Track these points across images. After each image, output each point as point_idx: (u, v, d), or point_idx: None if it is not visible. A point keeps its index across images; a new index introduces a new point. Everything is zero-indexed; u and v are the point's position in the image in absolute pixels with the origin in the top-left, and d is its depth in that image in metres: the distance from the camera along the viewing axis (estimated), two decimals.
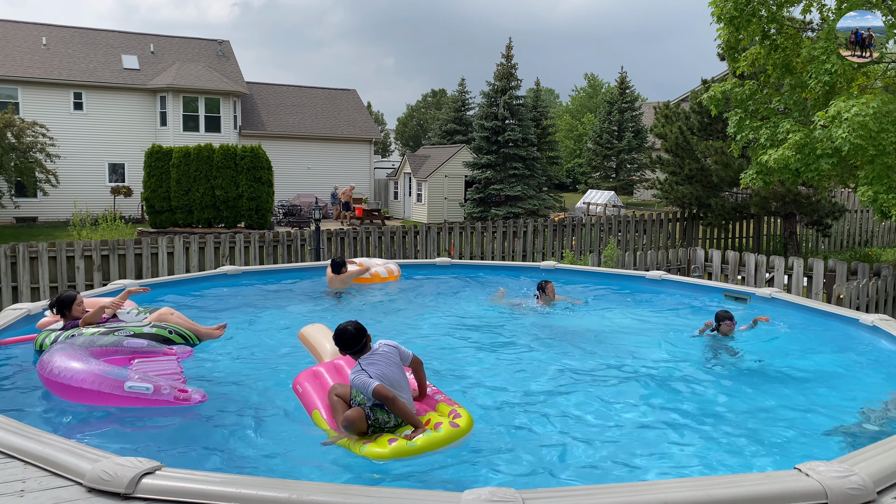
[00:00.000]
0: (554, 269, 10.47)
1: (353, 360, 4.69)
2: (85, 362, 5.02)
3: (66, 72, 31.02)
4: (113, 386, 4.83)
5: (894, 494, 3.19)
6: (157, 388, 4.84)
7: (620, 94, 43.86)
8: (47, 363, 5.05)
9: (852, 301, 10.10)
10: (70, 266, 11.91)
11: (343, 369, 5.19)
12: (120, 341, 5.66)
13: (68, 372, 4.92)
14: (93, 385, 4.83)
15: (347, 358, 5.18)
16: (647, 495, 3.05)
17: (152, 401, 4.83)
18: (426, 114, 67.75)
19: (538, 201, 30.50)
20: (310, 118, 36.57)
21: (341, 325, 4.69)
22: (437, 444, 4.28)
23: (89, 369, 4.93)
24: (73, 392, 4.87)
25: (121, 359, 5.44)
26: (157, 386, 4.86)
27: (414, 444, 4.22)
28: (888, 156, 9.72)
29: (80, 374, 4.90)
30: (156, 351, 5.64)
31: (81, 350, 5.27)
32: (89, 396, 4.84)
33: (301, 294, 9.47)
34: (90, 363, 5.03)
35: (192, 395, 4.90)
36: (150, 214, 22.16)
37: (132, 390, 4.81)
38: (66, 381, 4.88)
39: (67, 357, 5.09)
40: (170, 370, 5.27)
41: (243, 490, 3.05)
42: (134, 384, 4.83)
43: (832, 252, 19.07)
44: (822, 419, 5.09)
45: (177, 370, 5.28)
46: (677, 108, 19.11)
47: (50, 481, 3.25)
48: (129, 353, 5.52)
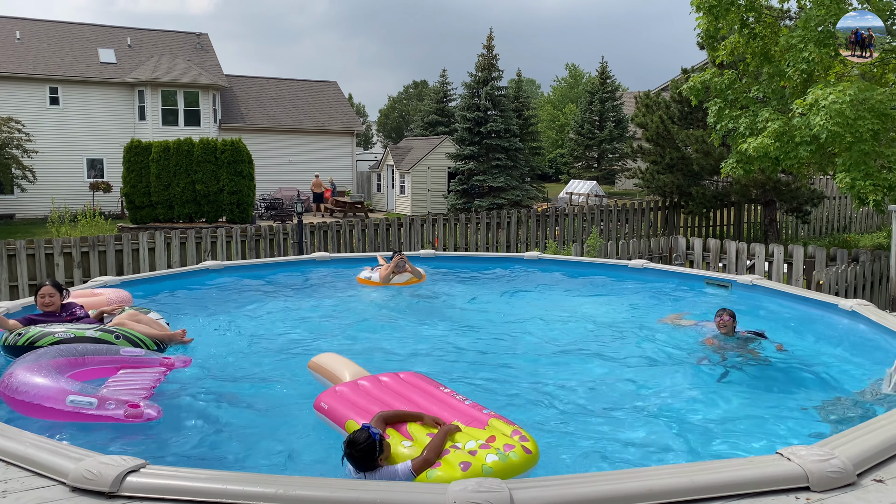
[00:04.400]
0: (538, 259, 10.50)
1: None
2: (34, 373, 4.67)
3: (41, 66, 30.55)
4: (55, 400, 4.46)
5: (874, 476, 3.25)
6: (101, 402, 4.47)
7: (601, 84, 43.95)
8: (5, 374, 4.75)
9: (832, 287, 10.23)
10: (49, 263, 11.77)
11: (368, 388, 4.75)
12: (117, 349, 5.45)
13: (14, 383, 4.61)
14: (34, 398, 4.48)
15: (371, 378, 4.88)
16: (632, 482, 3.08)
17: (98, 416, 4.45)
18: (408, 105, 67.55)
19: (521, 192, 30.55)
20: (290, 111, 36.32)
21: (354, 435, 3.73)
22: (512, 472, 3.73)
23: (32, 381, 4.60)
24: (17, 405, 4.53)
25: (107, 369, 5.21)
26: (103, 400, 4.49)
27: (490, 471, 3.65)
28: (865, 143, 9.84)
29: (23, 387, 4.56)
30: (151, 361, 5.35)
31: (47, 359, 4.92)
32: (33, 410, 4.48)
33: (284, 287, 9.43)
34: (37, 374, 4.67)
35: (145, 410, 4.48)
36: (130, 210, 21.93)
37: (74, 404, 4.44)
38: (10, 393, 4.58)
39: (21, 367, 4.77)
40: (141, 384, 4.91)
41: (230, 486, 3.04)
42: (76, 398, 4.46)
43: (811, 238, 19.28)
44: (803, 403, 5.16)
45: (148, 384, 4.93)
46: (658, 98, 19.19)
47: (32, 481, 3.22)
48: (119, 364, 5.26)
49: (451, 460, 3.70)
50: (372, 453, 3.60)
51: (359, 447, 3.59)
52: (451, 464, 3.68)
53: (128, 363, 5.31)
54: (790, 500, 3.05)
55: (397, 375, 4.96)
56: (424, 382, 4.84)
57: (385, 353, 6.49)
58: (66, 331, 5.63)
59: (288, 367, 5.98)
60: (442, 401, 4.49)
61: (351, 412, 4.37)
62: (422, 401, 4.50)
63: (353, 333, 7.20)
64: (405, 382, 4.81)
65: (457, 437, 3.98)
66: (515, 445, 3.88)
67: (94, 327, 5.82)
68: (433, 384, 4.81)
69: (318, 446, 4.40)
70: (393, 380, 4.86)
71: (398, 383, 4.79)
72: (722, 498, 3.05)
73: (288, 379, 5.70)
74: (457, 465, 3.67)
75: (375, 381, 4.83)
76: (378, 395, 4.59)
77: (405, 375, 4.96)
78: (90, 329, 5.74)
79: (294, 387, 5.50)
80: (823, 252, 11.19)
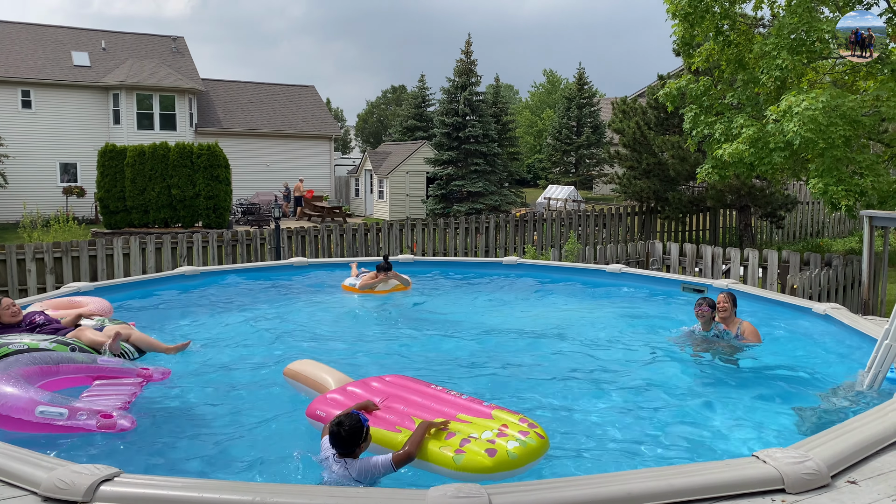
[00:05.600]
0: (516, 264, 10.53)
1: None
2: (4, 383, 4.51)
3: (12, 69, 30.07)
4: (24, 411, 4.32)
5: (847, 478, 3.30)
6: (72, 413, 4.34)
7: (579, 90, 44.27)
8: None
9: (805, 291, 10.38)
10: (21, 269, 11.57)
11: (360, 394, 4.68)
12: (94, 359, 5.30)
13: None
14: (2, 409, 4.33)
15: (360, 383, 4.85)
16: (611, 486, 3.09)
17: (69, 427, 4.32)
18: (386, 110, 67.45)
19: (500, 197, 30.63)
20: (268, 115, 36.10)
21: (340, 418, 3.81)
22: (534, 454, 3.93)
23: (1, 391, 4.43)
24: None
25: (82, 378, 5.06)
26: (74, 410, 4.36)
27: (515, 456, 3.82)
28: (837, 149, 10.00)
29: None
30: (128, 372, 5.22)
31: (17, 368, 4.75)
32: (2, 421, 4.32)
33: (262, 293, 9.36)
34: (5, 383, 4.51)
35: (118, 420, 4.36)
36: (104, 215, 21.64)
37: (44, 415, 4.30)
38: None
39: None
40: (117, 396, 4.78)
41: (206, 494, 3.01)
42: (46, 408, 4.32)
43: (786, 243, 19.56)
44: (778, 405, 5.22)
45: (124, 397, 4.80)
46: (634, 104, 19.37)
47: (3, 491, 3.16)
48: (96, 373, 5.11)
49: (475, 449, 3.82)
50: (357, 436, 3.68)
51: (346, 428, 3.66)
52: (475, 452, 3.78)
53: (104, 373, 5.16)
54: (766, 502, 3.09)
55: (383, 379, 4.94)
56: (414, 383, 4.84)
57: (368, 359, 6.46)
58: (20, 342, 5.40)
59: (266, 374, 5.92)
60: (439, 398, 4.52)
61: None
62: (419, 400, 4.49)
63: (335, 340, 7.15)
64: (397, 384, 4.80)
65: (469, 428, 4.05)
66: (529, 431, 4.04)
67: (50, 339, 5.61)
68: (423, 384, 4.82)
69: (296, 454, 4.36)
70: (383, 383, 4.83)
71: (390, 386, 4.77)
72: (699, 501, 3.08)
73: (266, 386, 5.65)
74: (482, 452, 3.78)
75: (366, 386, 4.79)
76: (374, 398, 4.56)
77: (392, 378, 4.94)
78: (45, 340, 5.54)
79: (272, 394, 5.46)
80: (797, 256, 11.35)
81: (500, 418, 4.20)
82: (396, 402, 4.47)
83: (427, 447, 3.89)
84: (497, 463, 3.74)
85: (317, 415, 4.54)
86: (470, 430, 4.03)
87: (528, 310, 8.55)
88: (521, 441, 3.92)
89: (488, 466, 3.73)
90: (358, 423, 3.72)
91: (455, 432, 4.00)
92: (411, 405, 4.41)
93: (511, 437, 3.95)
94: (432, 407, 4.37)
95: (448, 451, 3.83)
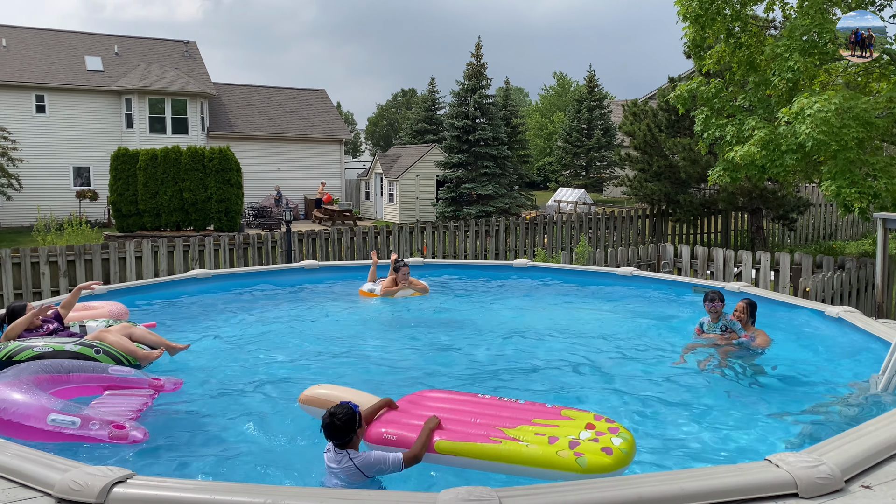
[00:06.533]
0: (527, 266, 10.52)
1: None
2: (13, 389, 4.48)
3: (27, 74, 30.37)
4: (36, 419, 4.28)
5: (861, 482, 3.27)
6: (84, 422, 4.30)
7: (589, 93, 44.19)
8: None
9: (818, 294, 10.31)
10: (35, 272, 11.67)
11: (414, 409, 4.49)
12: (105, 368, 5.25)
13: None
14: (13, 416, 4.29)
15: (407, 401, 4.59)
16: (622, 490, 3.08)
17: (80, 437, 4.29)
18: (396, 113, 67.61)
19: (510, 200, 30.62)
20: (279, 119, 36.27)
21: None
22: (634, 448, 3.99)
23: (11, 398, 4.40)
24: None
25: (93, 387, 5.02)
26: (86, 419, 4.32)
27: (626, 452, 3.88)
28: (850, 151, 9.93)
29: (1, 404, 4.36)
30: (140, 381, 5.18)
31: (28, 375, 4.72)
32: (11, 429, 4.28)
33: (274, 297, 9.38)
34: (17, 391, 4.48)
35: (130, 432, 4.33)
36: (116, 218, 21.81)
37: (56, 424, 4.27)
38: None
39: (1, 384, 4.56)
40: (128, 406, 4.73)
41: (218, 496, 3.02)
42: (58, 417, 4.29)
43: (798, 246, 19.43)
44: (791, 409, 5.18)
45: (136, 407, 4.77)
46: (645, 106, 19.31)
47: (18, 493, 3.18)
48: (107, 383, 5.08)
49: (591, 448, 3.81)
50: (353, 423, 3.77)
51: (340, 417, 3.75)
52: (594, 452, 3.79)
53: (115, 383, 5.11)
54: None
55: (423, 394, 4.71)
56: (460, 395, 4.69)
57: (394, 367, 6.35)
58: (45, 344, 5.45)
59: (281, 380, 5.93)
60: (500, 406, 4.42)
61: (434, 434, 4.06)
62: (485, 411, 4.35)
63: (356, 348, 7.02)
64: (445, 399, 4.60)
65: (561, 430, 4.02)
66: (619, 427, 4.05)
67: (74, 341, 5.66)
68: (468, 394, 4.70)
69: (308, 457, 4.37)
70: (430, 399, 4.61)
71: (439, 401, 4.57)
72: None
73: (279, 389, 5.66)
74: (599, 451, 3.80)
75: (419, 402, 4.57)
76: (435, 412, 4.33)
77: (431, 393, 4.74)
78: (70, 343, 5.59)
79: (285, 398, 5.47)
80: (810, 259, 11.27)
81: (579, 417, 4.19)
82: (462, 416, 4.29)
83: (537, 454, 3.83)
84: (616, 461, 3.77)
85: (387, 439, 4.12)
86: (565, 431, 4.01)
87: (541, 313, 8.54)
88: (622, 436, 3.96)
89: (611, 465, 3.75)
90: (350, 410, 3.80)
91: (555, 436, 3.96)
92: (482, 416, 4.27)
93: (608, 434, 3.98)
94: (501, 415, 4.26)
95: (566, 455, 3.80)
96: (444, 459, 3.97)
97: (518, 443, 3.92)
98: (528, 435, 3.99)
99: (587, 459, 3.74)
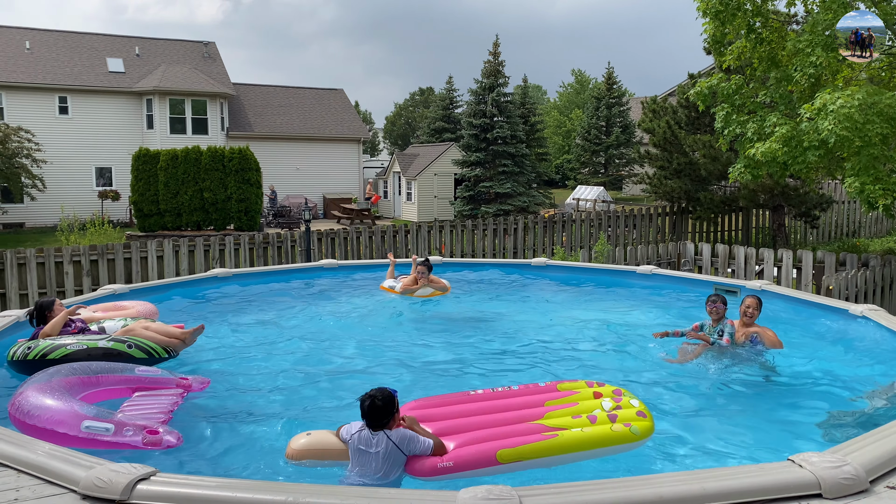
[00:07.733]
0: (545, 265, 10.49)
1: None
2: (46, 395, 4.48)
3: (50, 76, 30.79)
4: (69, 425, 4.27)
5: (887, 483, 3.22)
6: (118, 428, 4.30)
7: (608, 90, 43.96)
8: (16, 395, 4.56)
9: (841, 292, 10.17)
10: (59, 272, 11.83)
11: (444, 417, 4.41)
12: (132, 368, 5.25)
13: (25, 406, 4.40)
14: (47, 423, 4.28)
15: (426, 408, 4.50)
16: (643, 489, 3.06)
17: (114, 443, 4.27)
18: (414, 112, 67.68)
19: (528, 198, 30.53)
20: (297, 118, 36.45)
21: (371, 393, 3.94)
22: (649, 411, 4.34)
23: (45, 404, 4.40)
24: (29, 429, 4.27)
25: (122, 389, 5.02)
26: (120, 425, 4.32)
27: (644, 416, 4.24)
28: (874, 147, 9.78)
29: (35, 410, 4.35)
30: (168, 381, 5.18)
31: (59, 379, 4.72)
32: (45, 435, 4.22)
33: (295, 296, 9.43)
34: (50, 396, 4.47)
35: (164, 437, 4.32)
36: (138, 218, 22.04)
37: (90, 430, 4.26)
38: (21, 417, 4.36)
39: (32, 388, 4.55)
40: (159, 408, 4.73)
41: (240, 494, 3.05)
42: (92, 423, 4.27)
43: (820, 243, 19.19)
44: (815, 409, 5.12)
45: (166, 408, 4.77)
46: (664, 103, 19.17)
47: (44, 489, 3.23)
48: (135, 384, 5.07)
49: (629, 416, 4.19)
50: (392, 405, 3.91)
51: (381, 399, 3.88)
52: (633, 418, 4.16)
53: (143, 384, 5.12)
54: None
55: (429, 400, 4.65)
56: (461, 396, 4.66)
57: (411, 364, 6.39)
58: (77, 342, 5.49)
59: (302, 375, 5.97)
60: (505, 399, 4.51)
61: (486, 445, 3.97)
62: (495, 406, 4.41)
63: (379, 346, 7.01)
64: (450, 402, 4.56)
65: (584, 406, 4.33)
66: (619, 389, 4.45)
67: (106, 337, 5.73)
68: (465, 393, 4.68)
69: None
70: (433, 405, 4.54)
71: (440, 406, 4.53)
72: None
73: (302, 386, 5.69)
74: (635, 416, 4.19)
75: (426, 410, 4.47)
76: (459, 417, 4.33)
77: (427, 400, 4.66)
78: (102, 339, 5.65)
79: (308, 395, 5.50)
80: (833, 257, 11.13)
81: (577, 387, 4.50)
82: (479, 419, 4.26)
83: (597, 435, 4.04)
84: (651, 420, 4.10)
85: (445, 468, 3.89)
86: (589, 406, 4.27)
87: (560, 311, 8.51)
88: (629, 395, 4.31)
89: (651, 426, 4.09)
90: (390, 394, 3.93)
91: (590, 414, 4.18)
92: (500, 413, 4.29)
93: (625, 397, 4.35)
94: (515, 407, 4.37)
95: (619, 429, 4.05)
96: (506, 468, 3.90)
97: (571, 431, 4.06)
98: (567, 420, 4.13)
99: (636, 427, 4.04)
